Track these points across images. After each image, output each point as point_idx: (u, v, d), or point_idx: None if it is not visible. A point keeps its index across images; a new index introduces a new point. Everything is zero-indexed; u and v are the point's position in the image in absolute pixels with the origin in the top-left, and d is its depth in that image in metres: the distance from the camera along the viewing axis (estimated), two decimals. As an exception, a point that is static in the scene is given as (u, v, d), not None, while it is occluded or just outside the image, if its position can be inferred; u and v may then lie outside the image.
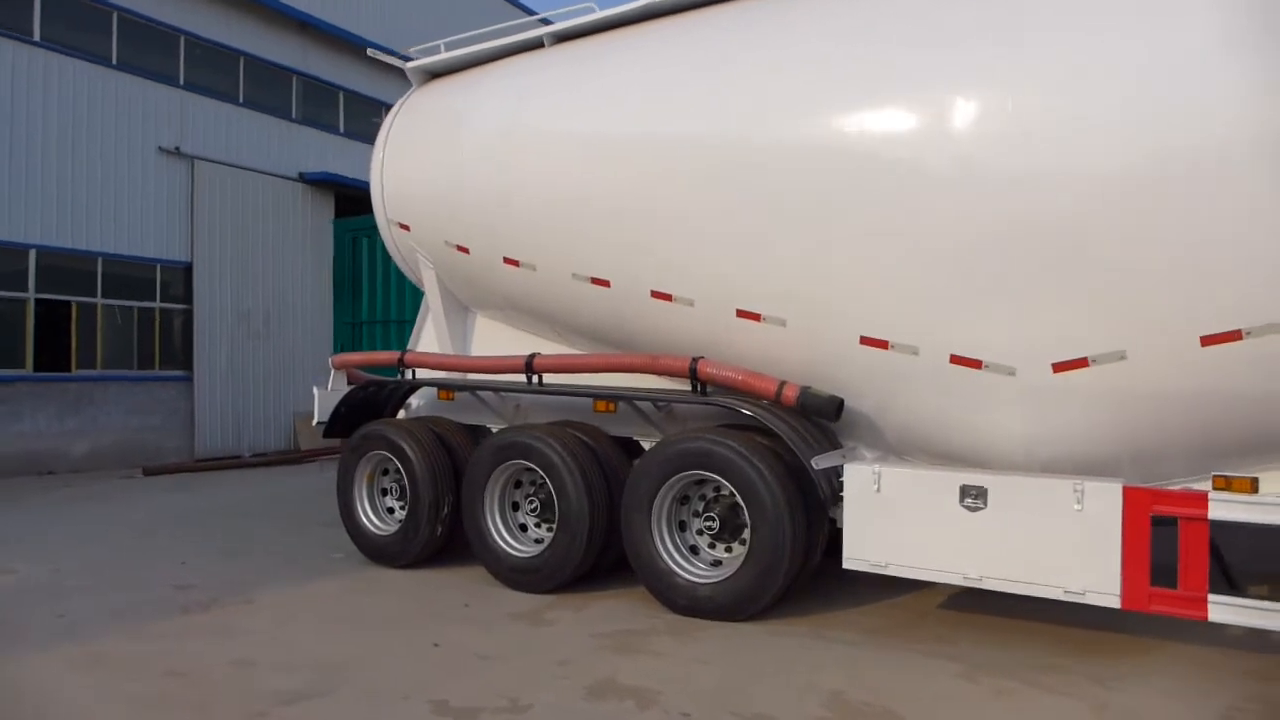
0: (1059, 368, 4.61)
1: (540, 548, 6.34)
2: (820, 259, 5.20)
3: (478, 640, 5.26)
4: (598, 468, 6.18)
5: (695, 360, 5.69)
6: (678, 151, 5.69)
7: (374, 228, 12.71)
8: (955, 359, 4.86)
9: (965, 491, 4.75)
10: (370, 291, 13.11)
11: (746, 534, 5.64)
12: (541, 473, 6.26)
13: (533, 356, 6.46)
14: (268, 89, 16.74)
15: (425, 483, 6.87)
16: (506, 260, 6.66)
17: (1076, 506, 4.44)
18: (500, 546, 6.47)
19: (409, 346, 8.10)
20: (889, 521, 4.97)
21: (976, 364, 4.81)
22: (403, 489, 7.22)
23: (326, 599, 6.25)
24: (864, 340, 5.14)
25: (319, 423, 7.89)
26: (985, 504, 4.69)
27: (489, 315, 7.55)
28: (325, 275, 16.72)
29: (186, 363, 15.27)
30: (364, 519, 7.36)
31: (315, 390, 7.87)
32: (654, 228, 5.80)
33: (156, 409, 14.94)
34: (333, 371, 8.00)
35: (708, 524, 5.72)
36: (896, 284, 4.99)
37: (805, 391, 5.33)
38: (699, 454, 5.57)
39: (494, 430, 7.29)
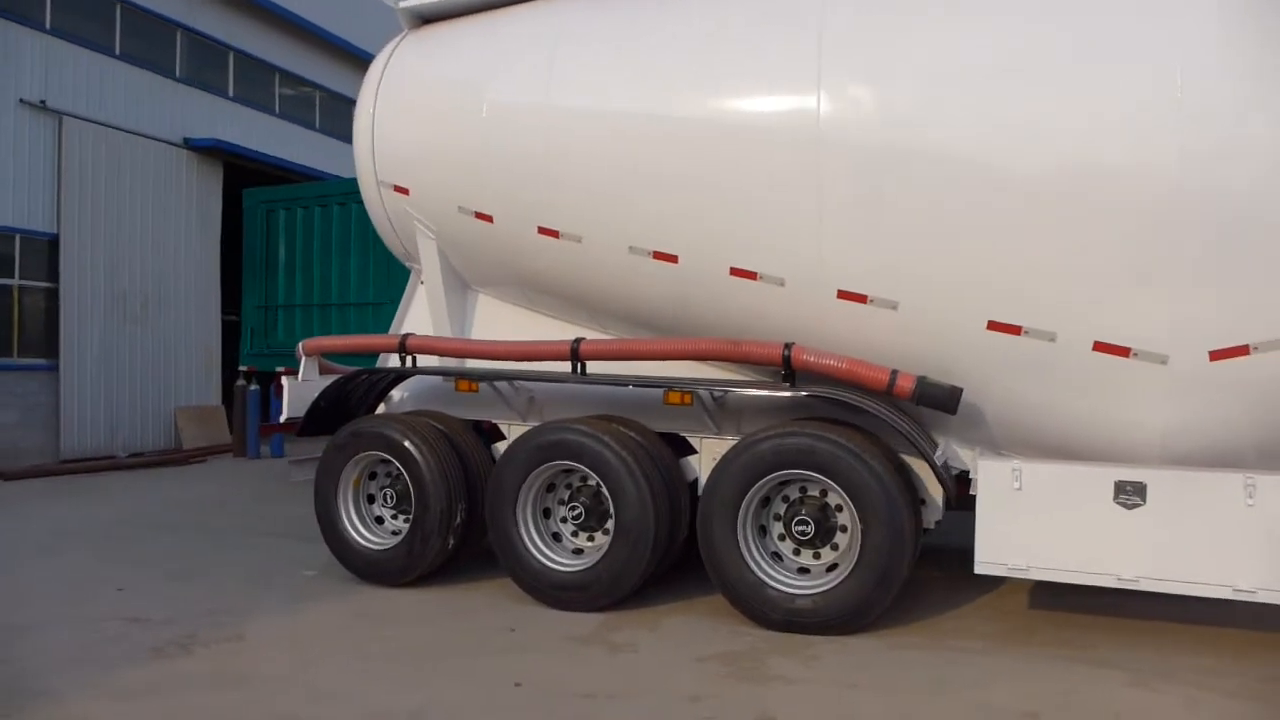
0: (1216, 355, 4.31)
1: (586, 561, 5.56)
2: (948, 237, 4.71)
3: (564, 674, 4.45)
4: (655, 468, 5.47)
5: (788, 346, 5.07)
6: (769, 110, 5.05)
7: (294, 200, 11.63)
8: (1100, 346, 4.49)
9: (1120, 488, 4.39)
10: (288, 272, 11.73)
11: (842, 538, 5.12)
12: (594, 476, 5.48)
13: (578, 342, 5.65)
14: (148, 41, 14.70)
15: (435, 488, 5.92)
16: (543, 230, 5.80)
17: (1249, 501, 4.16)
18: (539, 561, 5.63)
19: (392, 329, 7.07)
20: (1030, 521, 4.56)
21: (1124, 352, 4.45)
22: (399, 495, 6.23)
23: (336, 630, 5.22)
24: (992, 325, 4.69)
25: (289, 419, 6.73)
26: (1143, 500, 4.35)
27: (494, 294, 6.65)
28: (212, 253, 14.97)
29: (51, 350, 13.12)
30: (351, 531, 6.29)
31: (284, 381, 6.70)
32: (737, 197, 5.14)
33: (13, 403, 12.77)
34: (303, 359, 6.84)
35: (800, 528, 5.12)
36: (1038, 265, 4.57)
37: (922, 381, 4.83)
38: (800, 451, 4.97)
39: (504, 427, 6.42)
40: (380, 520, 6.41)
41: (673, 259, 5.41)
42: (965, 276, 4.73)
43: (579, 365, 5.69)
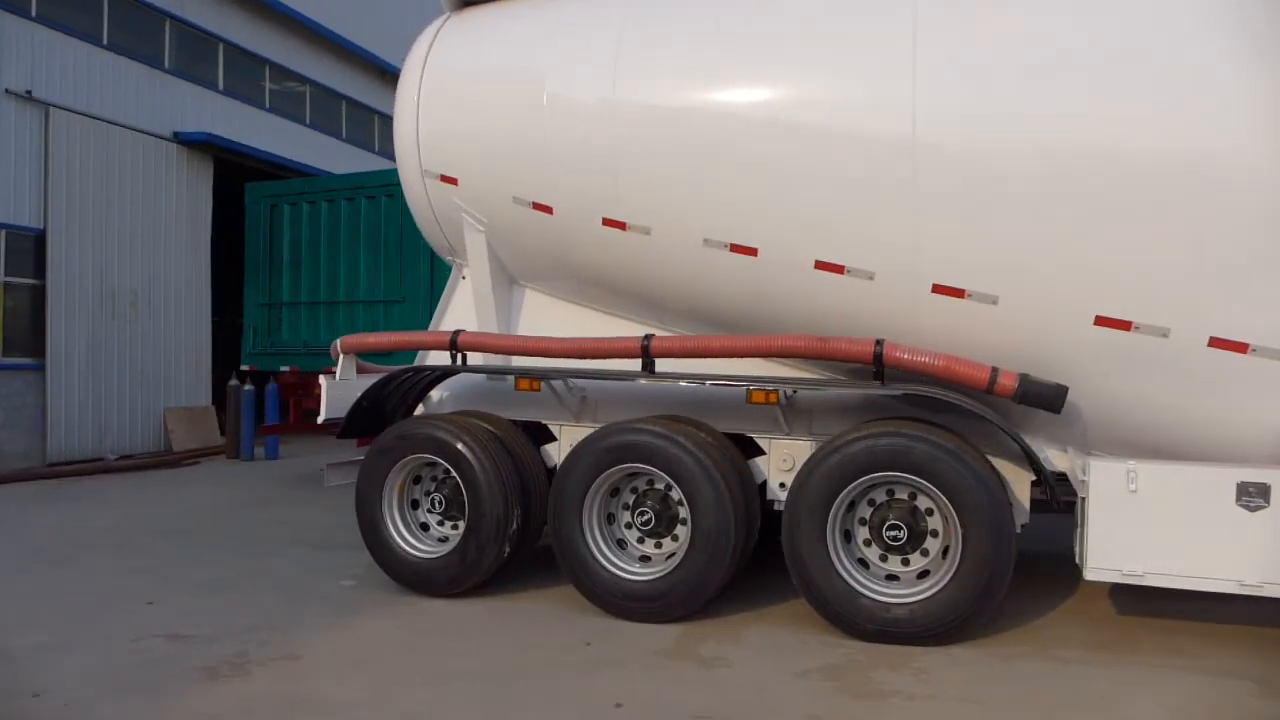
0: (1345, 350, 4.15)
1: (658, 569, 5.29)
2: (1054, 230, 4.51)
3: (663, 693, 4.17)
4: (732, 471, 5.22)
5: (880, 343, 4.84)
6: (864, 97, 4.82)
7: (300, 195, 11.21)
8: (1216, 342, 4.32)
9: (1243, 489, 4.22)
10: (293, 269, 11.30)
11: (932, 543, 4.90)
12: (666, 479, 5.22)
13: (649, 339, 5.37)
14: (136, 32, 14.14)
15: (491, 493, 5.61)
16: (607, 222, 5.52)
17: (1381, 504, 4.00)
18: (609, 570, 5.34)
19: (432, 326, 6.74)
20: (1146, 525, 4.37)
21: (1241, 348, 4.28)
22: (447, 500, 5.91)
23: (398, 647, 4.88)
24: (1100, 321, 4.50)
25: (327, 420, 6.37)
26: (1267, 502, 4.18)
27: (543, 289, 6.35)
28: (202, 250, 14.48)
29: (37, 349, 12.55)
30: (398, 539, 5.96)
31: (323, 381, 6.34)
32: (828, 188, 4.90)
33: (-2, 405, 12.22)
34: (341, 358, 6.49)
35: (891, 534, 4.89)
36: (1152, 260, 4.38)
37: (1025, 379, 4.62)
38: (895, 452, 4.74)
39: (554, 428, 6.13)
40: (425, 527, 6.09)
41: (751, 252, 5.15)
42: (1072, 270, 4.53)
43: (649, 363, 5.42)
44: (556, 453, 6.12)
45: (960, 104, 4.66)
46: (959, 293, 4.76)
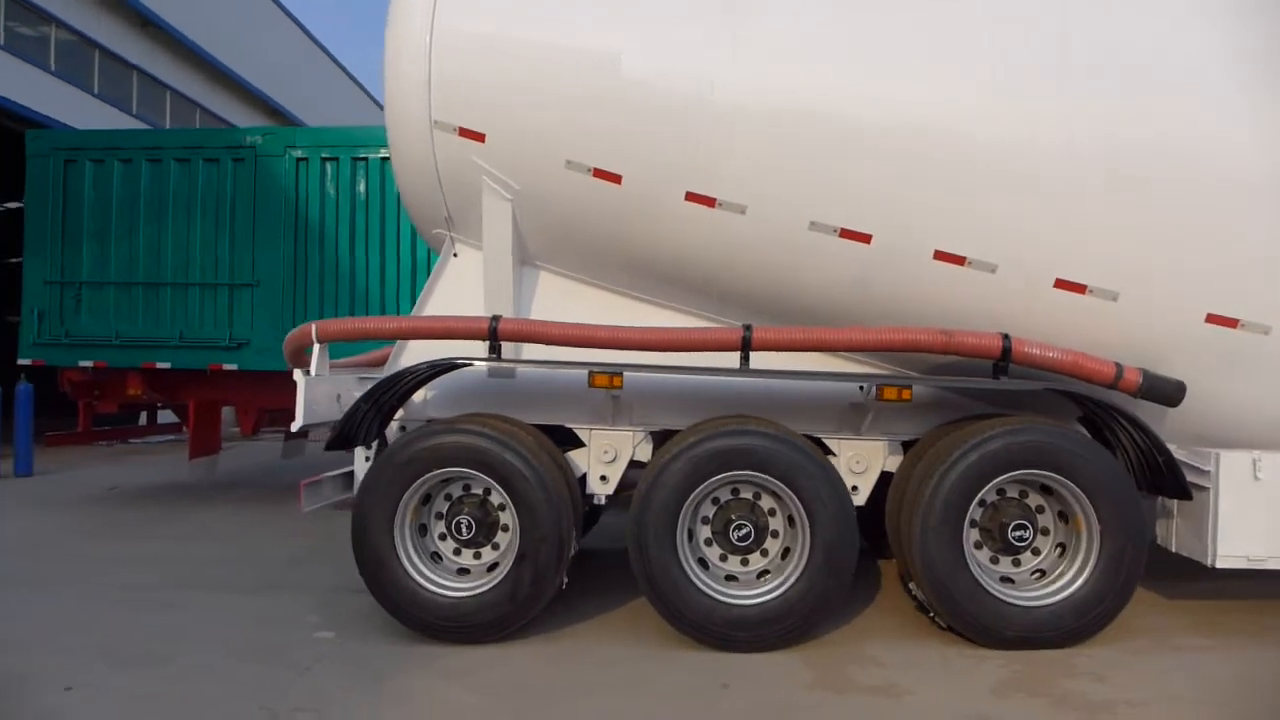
0: None
1: (765, 590, 4.70)
2: (1179, 229, 4.56)
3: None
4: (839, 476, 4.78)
5: (1007, 337, 4.63)
6: (1001, 88, 4.58)
7: (111, 150, 8.95)
8: (1312, 338, 4.61)
9: (1352, 475, 4.52)
10: (98, 241, 9.07)
11: (1042, 541, 4.80)
12: (784, 488, 4.64)
13: (749, 329, 4.73)
14: None
15: (548, 513, 4.69)
16: (692, 197, 4.81)
17: None
18: (711, 595, 4.66)
19: (416, 310, 5.56)
20: (1271, 512, 4.55)
21: (1331, 344, 4.60)
22: (479, 524, 4.86)
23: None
24: (1211, 318, 4.63)
25: (305, 427, 4.99)
26: (1374, 487, 4.52)
27: (561, 271, 5.45)
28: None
29: None
30: (416, 577, 4.81)
31: (299, 377, 4.95)
32: (953, 176, 4.61)
33: None
34: (316, 349, 5.11)
35: (1017, 534, 4.70)
36: (1259, 259, 4.57)
37: (1147, 374, 4.64)
38: (1035, 449, 4.57)
39: (583, 433, 5.30)
40: (437, 558, 4.97)
41: (865, 239, 4.73)
42: (1191, 268, 4.62)
43: (746, 357, 4.79)
44: (584, 461, 5.29)
45: (1096, 107, 4.58)
46: (1080, 288, 4.69)
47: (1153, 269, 4.63)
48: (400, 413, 5.44)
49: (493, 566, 4.93)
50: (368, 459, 5.44)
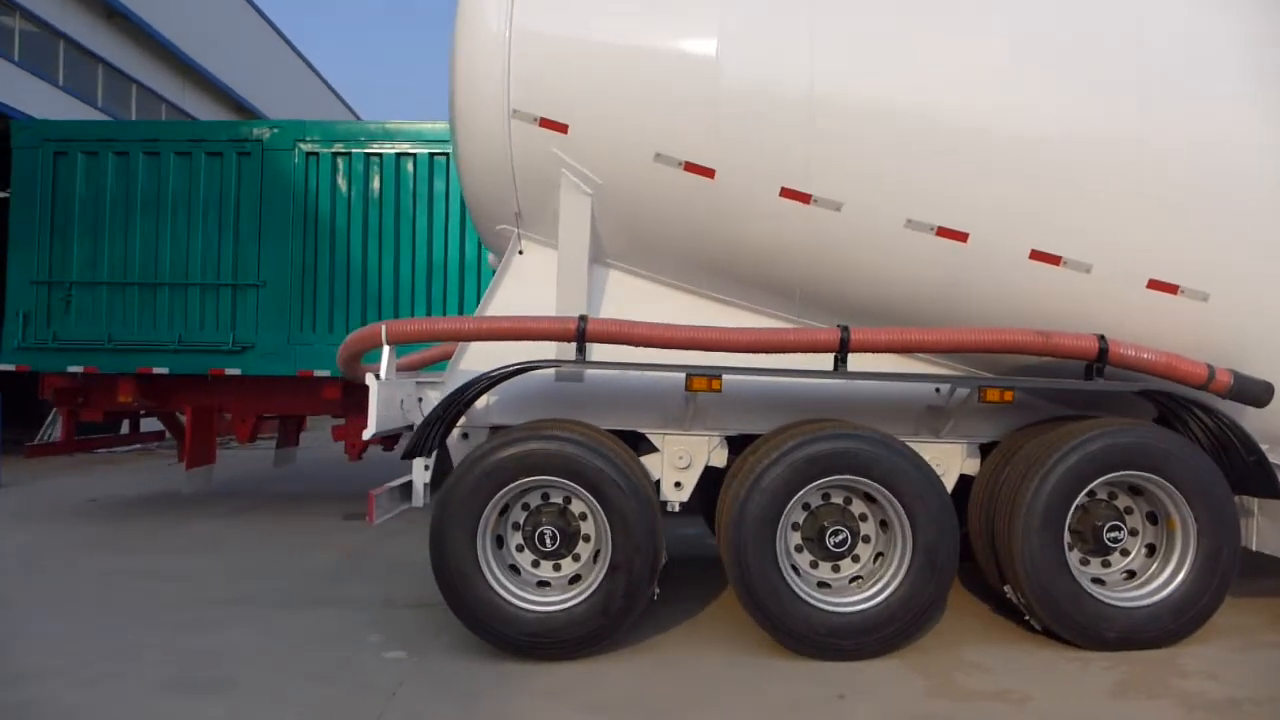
0: None
1: (865, 597, 4.58)
2: (1268, 230, 4.61)
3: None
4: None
5: (1103, 338, 4.61)
6: (1099, 83, 4.58)
7: (106, 141, 8.48)
8: (1392, 339, 4.69)
9: None
10: (90, 238, 8.60)
11: (1131, 541, 4.80)
12: (884, 491, 4.54)
13: (847, 330, 4.63)
14: None
15: (644, 522, 4.51)
16: (787, 193, 4.69)
17: None
18: (812, 601, 4.52)
19: (480, 310, 5.31)
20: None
21: None
22: (561, 534, 4.64)
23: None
24: (1298, 319, 4.70)
25: (381, 434, 4.71)
26: None
27: (634, 270, 5.28)
28: None
29: None
30: (501, 591, 4.56)
31: (371, 382, 4.66)
32: (1054, 171, 4.59)
33: None
34: (386, 352, 4.82)
35: (1111, 535, 4.68)
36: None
37: (1238, 376, 4.67)
38: (1136, 450, 4.56)
39: (655, 438, 5.14)
40: (515, 571, 4.74)
41: (961, 237, 4.67)
42: (1275, 269, 4.67)
43: (843, 358, 4.68)
44: (657, 467, 5.13)
45: (1191, 108, 4.61)
46: (1173, 289, 4.70)
47: (1243, 270, 4.67)
48: (462, 419, 5.21)
49: (574, 579, 4.73)
50: (427, 468, 5.19)
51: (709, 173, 4.72)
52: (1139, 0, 4.73)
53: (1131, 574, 4.82)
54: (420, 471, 5.18)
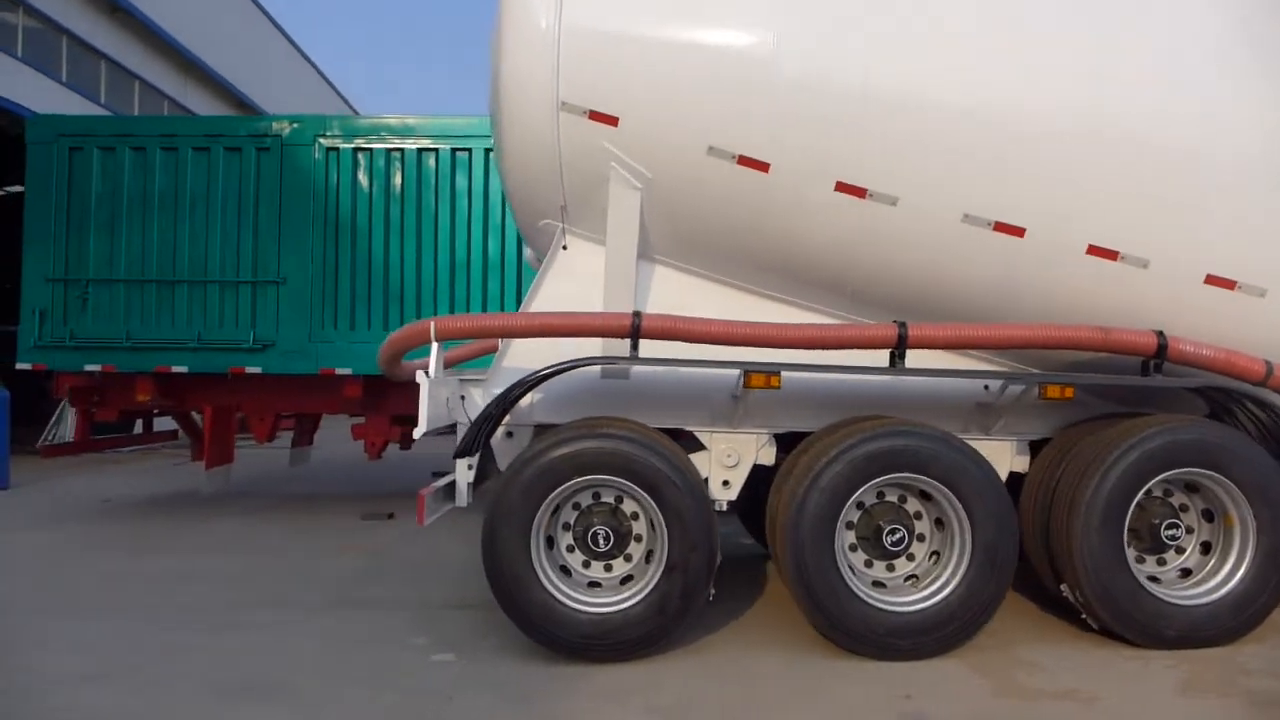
0: None
1: (923, 596, 4.53)
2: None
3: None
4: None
5: (1162, 334, 4.58)
6: (1168, 81, 4.54)
7: (122, 137, 8.37)
8: None
9: None
10: (107, 235, 8.49)
11: (1187, 539, 4.77)
12: (943, 489, 4.49)
13: (904, 326, 4.58)
14: None
15: (701, 521, 4.45)
16: (842, 187, 4.63)
17: None
18: (872, 601, 4.47)
19: (524, 305, 5.24)
20: None
21: None
22: (615, 534, 4.57)
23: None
24: (1355, 315, 4.67)
25: (432, 432, 4.63)
26: None
27: (683, 266, 5.21)
28: None
29: None
30: (554, 593, 4.49)
31: (421, 379, 4.58)
32: (1111, 167, 4.54)
33: None
34: (435, 349, 4.74)
35: (1169, 533, 4.65)
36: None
37: (1297, 371, 4.65)
38: (1197, 447, 4.53)
39: (704, 436, 5.08)
40: (566, 572, 4.67)
41: (1019, 232, 4.62)
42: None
43: (901, 354, 4.63)
44: (705, 465, 5.07)
45: (1250, 107, 4.57)
46: (1230, 284, 4.67)
47: (1301, 266, 4.64)
48: (506, 418, 5.13)
49: (626, 579, 4.66)
50: (471, 467, 5.12)
51: (764, 166, 4.65)
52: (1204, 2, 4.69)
53: (1187, 572, 4.79)
54: (464, 471, 5.11)
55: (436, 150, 8.46)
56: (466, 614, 5.34)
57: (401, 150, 8.45)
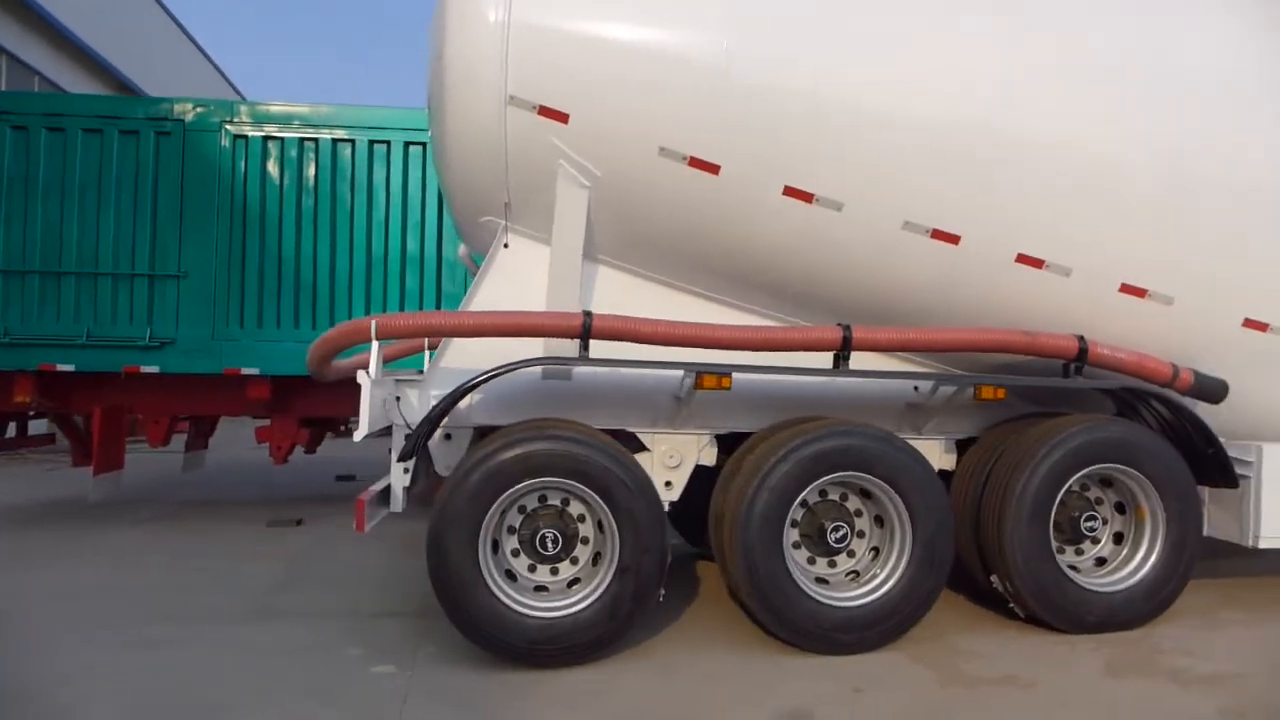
0: (1397, 349, 5.21)
1: (867, 591, 4.65)
2: (1228, 241, 4.96)
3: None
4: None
5: (1082, 339, 4.85)
6: (1089, 97, 4.80)
7: (63, 116, 7.79)
8: (1325, 341, 5.13)
9: (1358, 462, 5.07)
10: (39, 223, 7.85)
11: (1105, 531, 5.08)
12: (885, 487, 4.62)
13: (849, 329, 4.68)
14: None
15: (652, 523, 4.44)
16: (790, 191, 4.70)
17: None
18: (816, 597, 4.56)
19: (464, 305, 5.10)
20: (1302, 498, 5.02)
21: (1343, 346, 5.14)
22: (562, 538, 4.50)
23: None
24: (1247, 323, 5.07)
25: (367, 435, 4.43)
26: (1371, 473, 5.09)
27: (625, 266, 5.19)
28: None
29: None
30: (502, 598, 4.38)
31: (363, 378, 4.38)
32: (1037, 183, 4.77)
33: None
34: (375, 348, 4.53)
35: (1088, 525, 4.94)
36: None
37: (1198, 375, 5.00)
38: (1114, 444, 4.84)
39: (645, 437, 5.09)
40: (512, 577, 4.57)
41: (954, 240, 4.81)
42: (1234, 277, 5.02)
43: (845, 356, 4.74)
44: (647, 466, 5.05)
45: (1166, 126, 4.89)
46: (1141, 292, 4.99)
47: (1204, 276, 5.00)
48: (444, 420, 4.98)
49: (573, 582, 4.60)
50: (407, 471, 4.96)
51: (714, 169, 4.68)
52: (1123, 12, 4.99)
53: (1102, 561, 5.10)
54: (400, 476, 4.95)
55: (353, 141, 8.13)
56: (398, 622, 5.16)
57: (316, 140, 8.08)
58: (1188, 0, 5.18)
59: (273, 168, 8.03)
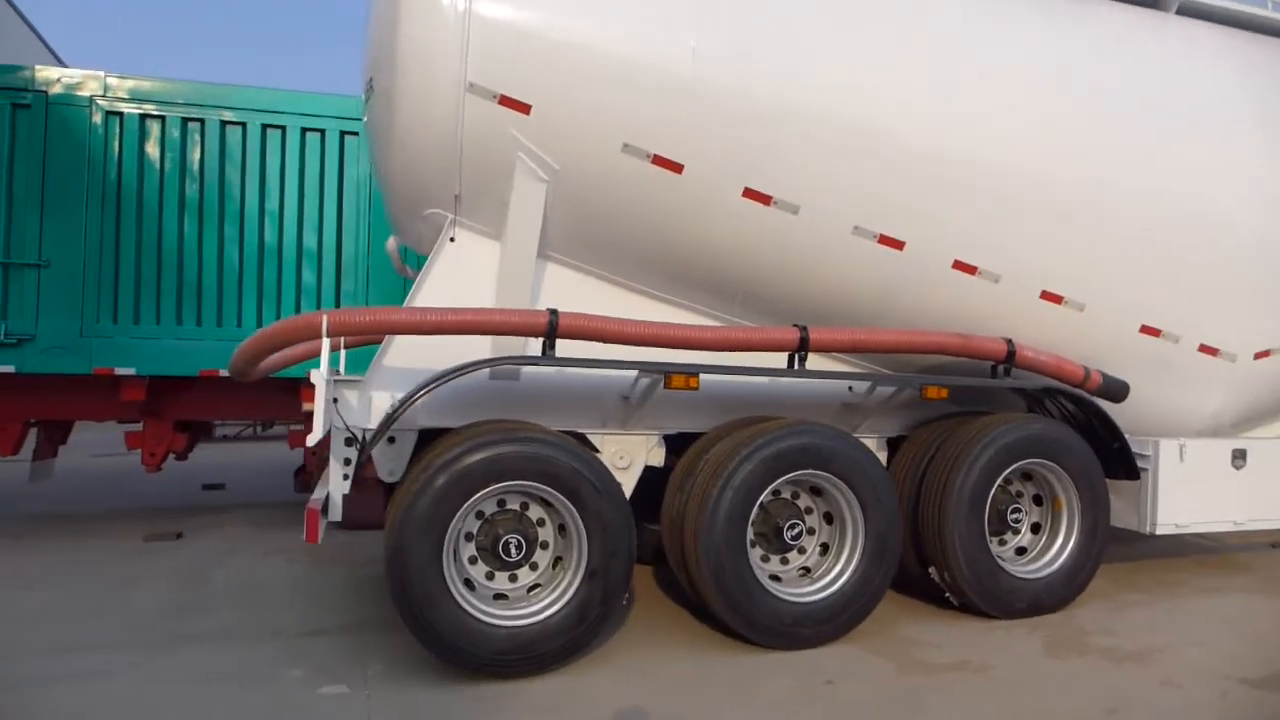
0: (1259, 355, 5.88)
1: (822, 586, 4.77)
2: (1134, 255, 5.41)
3: (1037, 702, 3.89)
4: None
5: (1010, 342, 5.17)
6: (1018, 112, 5.12)
7: (24, 90, 6.73)
8: (1203, 348, 5.71)
9: (1235, 454, 5.67)
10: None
11: (1025, 522, 5.44)
12: (840, 484, 4.75)
13: (806, 330, 4.77)
14: None
15: (621, 526, 4.38)
16: (750, 194, 4.74)
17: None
18: (777, 594, 4.63)
19: (409, 301, 4.84)
20: (1189, 487, 5.55)
21: (1214, 351, 5.74)
22: (526, 543, 4.37)
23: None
24: (1144, 329, 5.56)
25: (320, 437, 4.09)
26: (1245, 463, 5.69)
27: (576, 264, 5.09)
28: None
29: None
30: (467, 607, 4.19)
31: (316, 378, 4.04)
32: (978, 190, 5.06)
33: None
34: (327, 345, 4.19)
35: (1013, 517, 5.29)
36: (1182, 283, 5.56)
37: (1106, 376, 5.43)
38: (1038, 441, 5.20)
39: (596, 438, 5.03)
40: (471, 585, 4.38)
41: (899, 245, 5.01)
42: (1136, 287, 5.49)
43: (803, 357, 4.82)
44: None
45: (1088, 153, 5.29)
46: (1058, 299, 5.38)
47: (1111, 286, 5.44)
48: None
49: (533, 588, 4.46)
50: (347, 477, 4.65)
51: (677, 168, 4.66)
52: (1067, 43, 5.38)
53: (1022, 550, 5.46)
54: (340, 483, 4.64)
55: (244, 125, 7.55)
56: (329, 639, 4.82)
57: (201, 121, 7.43)
58: (1116, 29, 5.62)
59: (152, 149, 7.33)
